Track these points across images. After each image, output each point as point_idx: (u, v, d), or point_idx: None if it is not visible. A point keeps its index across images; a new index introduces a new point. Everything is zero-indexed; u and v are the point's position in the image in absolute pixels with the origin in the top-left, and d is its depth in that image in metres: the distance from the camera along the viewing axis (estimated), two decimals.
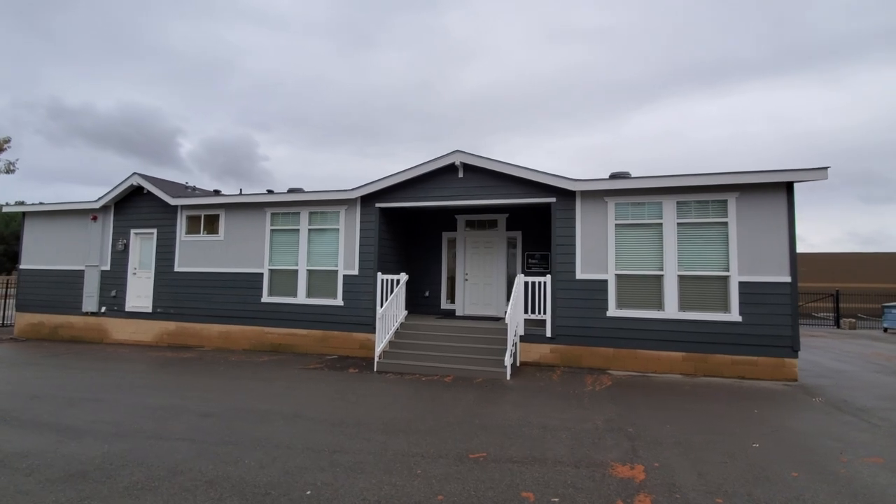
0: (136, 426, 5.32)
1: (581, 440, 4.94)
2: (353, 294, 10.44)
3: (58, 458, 4.36)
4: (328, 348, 10.55)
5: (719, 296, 8.35)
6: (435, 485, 3.82)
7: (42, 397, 6.64)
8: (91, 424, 5.38)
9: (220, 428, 5.27)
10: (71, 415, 5.77)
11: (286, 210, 11.18)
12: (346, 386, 7.51)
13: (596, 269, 8.92)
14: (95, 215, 12.87)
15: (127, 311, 12.39)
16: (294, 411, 5.97)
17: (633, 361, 8.65)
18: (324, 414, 5.88)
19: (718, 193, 8.42)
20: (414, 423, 5.48)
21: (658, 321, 8.54)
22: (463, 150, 9.60)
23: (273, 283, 11.18)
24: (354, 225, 10.56)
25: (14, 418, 5.62)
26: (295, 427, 5.33)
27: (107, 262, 12.74)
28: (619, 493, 3.70)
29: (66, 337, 12.94)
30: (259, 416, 5.73)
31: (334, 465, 4.20)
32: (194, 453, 4.49)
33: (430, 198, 10.09)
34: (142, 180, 12.27)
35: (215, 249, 11.71)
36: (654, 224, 8.70)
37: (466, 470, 4.12)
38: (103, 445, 4.69)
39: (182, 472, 4.06)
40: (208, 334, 11.59)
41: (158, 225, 12.30)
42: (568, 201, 9.17)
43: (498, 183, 9.64)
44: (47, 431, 5.13)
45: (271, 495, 3.63)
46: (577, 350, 8.94)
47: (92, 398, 6.59)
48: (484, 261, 11.77)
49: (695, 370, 8.35)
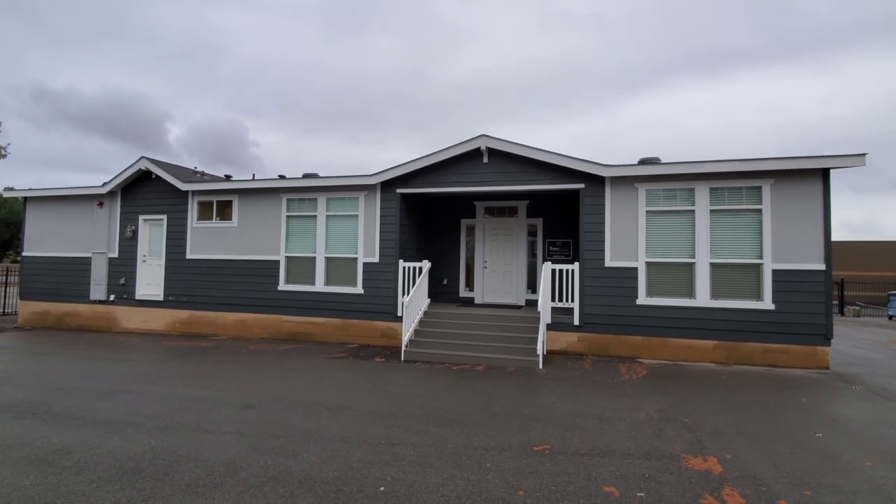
0: (176, 419, 5.11)
1: (641, 431, 4.82)
2: (374, 282, 10.23)
3: (104, 454, 4.16)
4: (348, 337, 10.37)
5: (752, 284, 8.26)
6: (510, 479, 3.67)
7: (68, 389, 6.40)
8: (129, 417, 5.16)
9: (264, 420, 5.08)
10: (104, 407, 5.55)
11: (302, 196, 10.88)
12: (378, 375, 7.34)
13: (626, 256, 8.77)
14: (101, 201, 12.47)
15: (137, 300, 12.09)
16: (336, 402, 5.80)
17: (663, 350, 8.57)
18: (367, 405, 5.71)
19: (753, 180, 8.27)
20: (463, 415, 5.33)
21: (689, 309, 8.44)
22: (489, 135, 9.34)
23: (290, 270, 10.93)
24: (374, 211, 10.31)
25: (45, 412, 5.38)
26: (342, 419, 5.15)
27: (115, 249, 12.38)
28: (703, 487, 3.58)
29: (74, 326, 12.62)
30: (301, 408, 5.55)
31: (398, 459, 4.04)
32: (247, 447, 4.30)
33: (454, 183, 9.85)
34: (150, 165, 11.88)
35: (229, 236, 11.40)
36: (686, 211, 8.56)
37: (537, 463, 3.98)
38: (149, 440, 4.48)
39: (241, 467, 3.87)
40: (223, 323, 11.34)
41: (168, 211, 11.94)
42: (597, 187, 8.98)
43: (523, 168, 9.42)
44: (84, 425, 4.91)
45: (343, 491, 3.46)
46: (606, 338, 8.83)
47: (120, 389, 6.36)
48: (503, 248, 11.58)
49: (726, 358, 8.29)
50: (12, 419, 5.10)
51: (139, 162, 11.93)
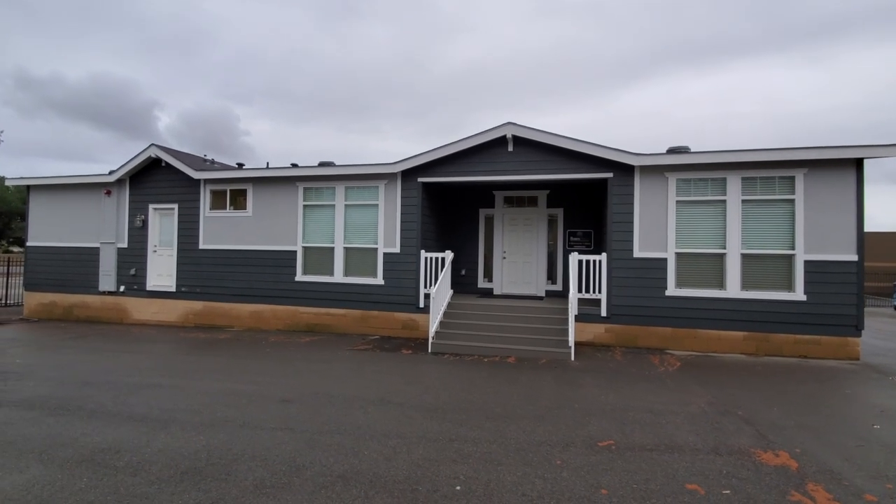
0: (217, 415, 4.95)
1: (699, 425, 4.73)
2: (395, 273, 10.06)
3: (154, 452, 3.99)
4: (368, 328, 10.21)
5: (783, 274, 8.19)
6: (587, 477, 3.56)
7: (95, 384, 6.20)
8: (167, 413, 4.99)
9: (310, 415, 4.93)
10: (138, 402, 5.36)
11: (320, 185, 10.64)
12: (410, 368, 7.21)
13: (655, 247, 8.66)
14: (109, 189, 12.13)
15: (148, 290, 11.82)
16: (377, 396, 5.66)
17: (691, 341, 8.50)
18: (409, 398, 5.57)
19: (786, 170, 8.16)
20: (510, 409, 5.21)
21: (719, 300, 8.37)
22: (515, 123, 9.13)
23: (307, 261, 10.71)
24: (395, 200, 10.10)
25: (77, 408, 5.19)
26: (390, 413, 5.02)
27: (124, 239, 12.08)
28: (785, 483, 3.49)
29: (82, 317, 12.34)
30: (343, 402, 5.40)
31: (464, 456, 3.92)
32: (303, 444, 4.15)
33: (477, 172, 9.66)
34: (160, 152, 11.54)
35: (243, 226, 11.14)
36: (717, 201, 8.44)
37: (607, 460, 3.88)
38: (198, 437, 4.32)
39: (304, 466, 3.73)
40: (238, 314, 11.13)
41: (180, 200, 11.64)
42: (625, 177, 8.83)
43: (549, 157, 9.24)
44: (123, 422, 4.73)
45: (419, 491, 3.33)
46: (633, 330, 8.75)
47: (149, 384, 6.17)
48: (523, 238, 11.44)
49: (756, 350, 8.25)
50: (46, 416, 4.91)
51: (148, 149, 11.59)
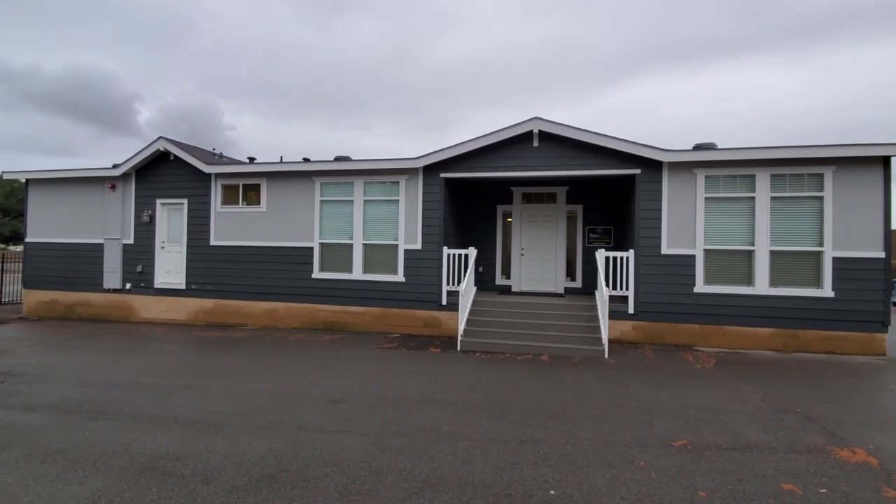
0: (269, 417, 4.75)
1: (763, 423, 4.68)
2: (416, 270, 9.89)
3: (218, 458, 3.80)
4: (388, 326, 10.04)
5: (812, 271, 8.24)
6: (679, 479, 3.47)
7: (123, 385, 5.94)
8: (214, 416, 4.78)
9: (366, 417, 4.77)
10: (179, 405, 5.14)
11: (338, 180, 10.40)
12: (446, 367, 7.07)
13: (683, 243, 8.64)
14: (114, 184, 11.71)
15: (156, 288, 11.46)
16: (425, 396, 5.51)
17: (719, 338, 8.52)
18: (460, 398, 5.43)
19: (815, 167, 8.20)
20: (567, 408, 5.11)
21: (748, 297, 8.39)
22: (542, 118, 9.03)
23: (324, 257, 10.48)
24: (416, 196, 9.92)
25: (117, 411, 4.95)
26: (447, 414, 4.88)
27: (130, 235, 11.68)
28: (874, 480, 3.45)
29: (85, 316, 11.93)
30: (394, 403, 5.24)
31: (542, 458, 3.80)
32: (372, 447, 3.99)
33: (501, 168, 9.53)
34: (169, 145, 11.18)
35: (257, 221, 10.86)
36: (746, 198, 8.45)
37: (690, 460, 3.80)
38: (257, 441, 4.13)
39: (382, 470, 3.57)
40: (251, 312, 10.85)
41: (190, 195, 11.29)
42: (653, 173, 8.79)
43: (575, 153, 9.16)
44: (173, 426, 4.51)
45: (514, 496, 3.21)
46: (661, 327, 8.74)
47: (182, 385, 5.93)
48: (541, 235, 11.36)
49: (784, 346, 8.29)
50: (87, 420, 4.67)
51: (157, 142, 11.22)
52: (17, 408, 5.06)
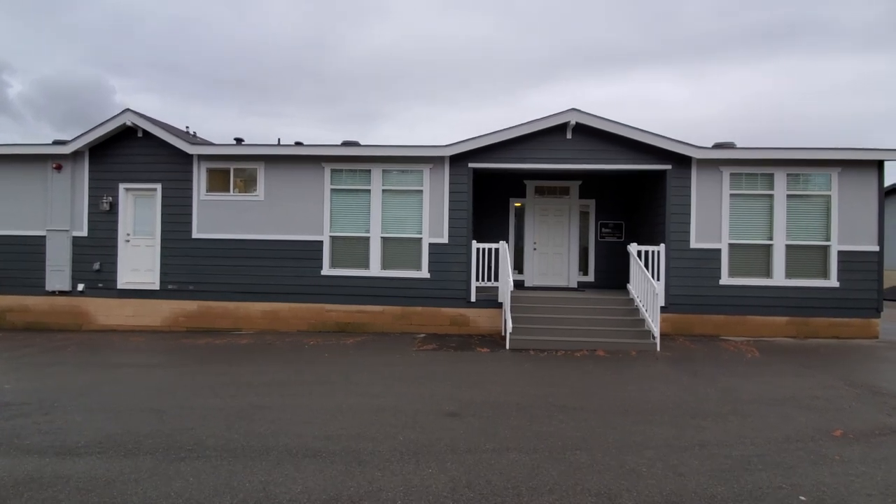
0: (400, 437, 4.03)
1: (877, 405, 4.88)
2: (442, 265, 9.29)
3: (406, 495, 3.09)
4: (410, 326, 9.33)
5: (820, 264, 8.96)
6: (889, 466, 3.42)
7: (166, 411, 4.78)
8: (333, 442, 3.95)
9: (502, 430, 4.24)
10: (270, 431, 4.20)
11: (352, 166, 9.44)
12: (513, 367, 6.65)
13: (710, 238, 8.98)
14: (59, 163, 9.64)
15: (120, 289, 9.65)
16: (533, 401, 5.06)
17: (741, 327, 8.98)
18: (573, 401, 5.06)
19: (824, 168, 8.90)
20: (695, 406, 4.97)
21: (767, 288, 8.93)
22: (579, 109, 8.86)
23: (336, 252, 9.48)
24: (442, 187, 9.30)
25: (196, 444, 3.91)
26: (584, 421, 4.49)
27: (82, 226, 9.71)
28: None
29: (20, 324, 9.74)
30: (514, 410, 4.74)
31: (746, 462, 3.57)
32: (564, 466, 3.50)
33: (531, 159, 9.24)
34: (139, 120, 9.42)
35: (253, 212, 9.53)
36: (765, 195, 8.97)
37: (871, 448, 3.80)
38: (428, 469, 3.44)
39: (614, 493, 3.11)
40: (247, 314, 9.53)
41: (164, 179, 9.62)
42: (683, 169, 9.02)
43: (608, 146, 9.13)
44: (293, 458, 3.64)
45: None
46: (690, 318, 9.02)
47: (248, 405, 4.91)
48: (554, 230, 11.26)
49: (797, 333, 8.95)
50: (169, 462, 3.62)
51: (123, 115, 9.39)
52: (48, 451, 3.82)
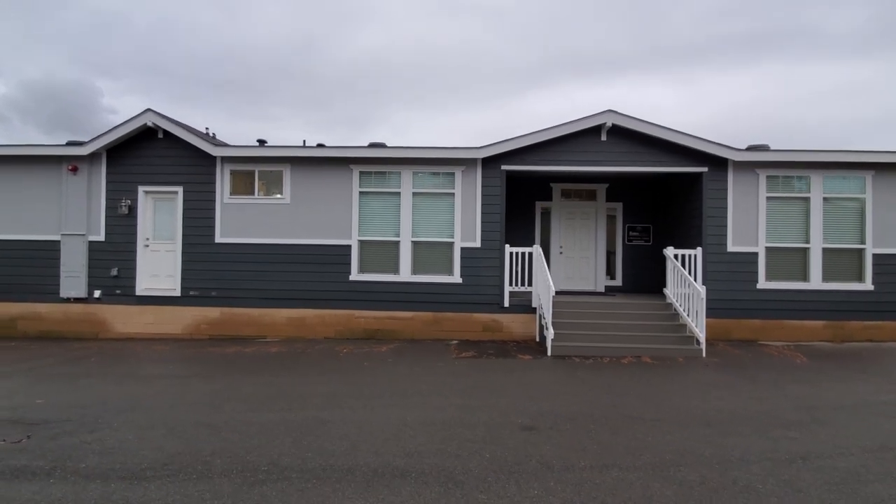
0: (486, 454, 3.80)
1: None
2: (474, 269, 9.08)
3: None
4: (441, 332, 9.10)
5: (856, 267, 8.91)
6: None
7: (221, 427, 4.50)
8: (425, 461, 3.72)
9: (582, 445, 4.04)
10: (344, 449, 3.95)
11: (381, 168, 9.21)
12: (566, 376, 6.46)
13: (746, 241, 8.89)
14: (75, 165, 9.27)
15: (138, 296, 9.29)
16: (604, 412, 4.87)
17: (779, 332, 8.90)
18: (650, 412, 4.88)
19: (859, 171, 8.87)
20: (786, 414, 4.83)
21: (804, 292, 8.86)
22: (615, 111, 8.74)
23: (365, 257, 9.23)
24: (474, 189, 9.11)
25: (272, 464, 3.65)
26: (664, 434, 4.31)
27: (99, 231, 9.33)
28: None
29: (33, 333, 9.32)
30: (594, 423, 4.54)
31: (857, 477, 3.41)
32: (652, 482, 3.31)
33: (566, 162, 9.09)
34: (161, 120, 9.09)
35: (279, 215, 9.25)
36: (801, 198, 8.91)
37: None
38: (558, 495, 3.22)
39: None
40: (271, 321, 9.22)
41: (186, 182, 9.30)
42: (719, 172, 8.93)
43: (643, 148, 9.01)
44: (384, 480, 3.40)
45: None
46: (727, 323, 8.90)
47: (310, 419, 4.65)
48: (580, 233, 11.12)
49: (833, 337, 8.88)
50: (249, 485, 3.36)
51: (143, 115, 9.06)
52: (112, 475, 3.53)
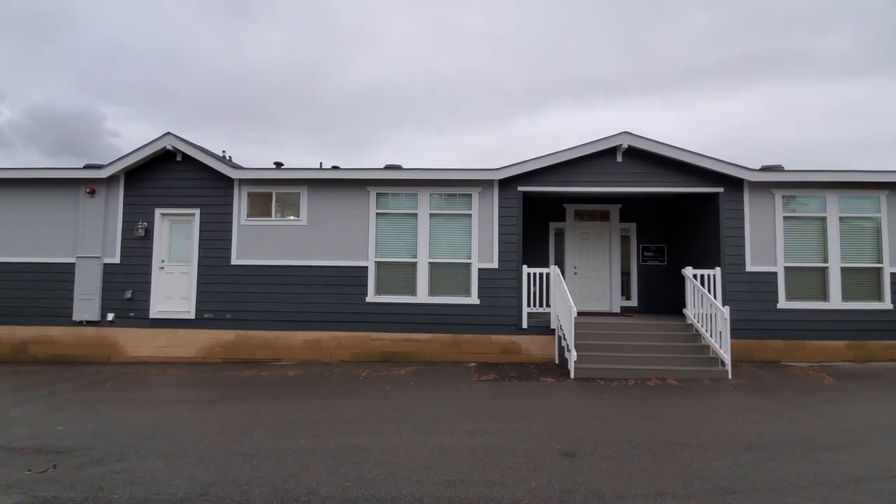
0: (532, 483, 3.70)
1: None
2: (492, 291, 9.03)
3: None
4: (460, 354, 8.98)
5: (874, 286, 8.88)
6: None
7: (253, 455, 4.38)
8: (471, 490, 3.60)
9: (628, 472, 3.94)
10: (381, 478, 3.84)
11: (398, 190, 9.24)
12: (594, 400, 6.35)
13: (765, 261, 8.88)
14: (93, 188, 9.30)
15: (152, 319, 9.18)
16: (646, 438, 4.76)
17: (801, 352, 8.80)
18: (685, 436, 4.77)
19: (873, 190, 8.94)
20: (806, 438, 4.72)
21: (824, 312, 8.80)
22: (631, 132, 8.83)
23: (381, 278, 9.17)
24: (491, 211, 9.13)
25: (312, 492, 3.53)
26: (710, 459, 4.20)
27: (114, 253, 9.29)
28: None
29: (44, 357, 9.17)
30: (635, 450, 4.43)
31: None
32: None
33: (580, 183, 9.15)
34: (180, 143, 9.17)
35: (295, 237, 9.23)
36: (818, 217, 8.95)
37: None
38: None
39: None
40: (287, 344, 9.10)
41: (203, 204, 9.31)
42: (735, 192, 8.98)
43: (658, 169, 9.08)
44: None
45: None
46: (749, 343, 8.80)
47: (346, 446, 4.53)
48: (594, 253, 11.11)
49: (855, 357, 8.78)
50: None
51: (163, 139, 9.13)
52: None
